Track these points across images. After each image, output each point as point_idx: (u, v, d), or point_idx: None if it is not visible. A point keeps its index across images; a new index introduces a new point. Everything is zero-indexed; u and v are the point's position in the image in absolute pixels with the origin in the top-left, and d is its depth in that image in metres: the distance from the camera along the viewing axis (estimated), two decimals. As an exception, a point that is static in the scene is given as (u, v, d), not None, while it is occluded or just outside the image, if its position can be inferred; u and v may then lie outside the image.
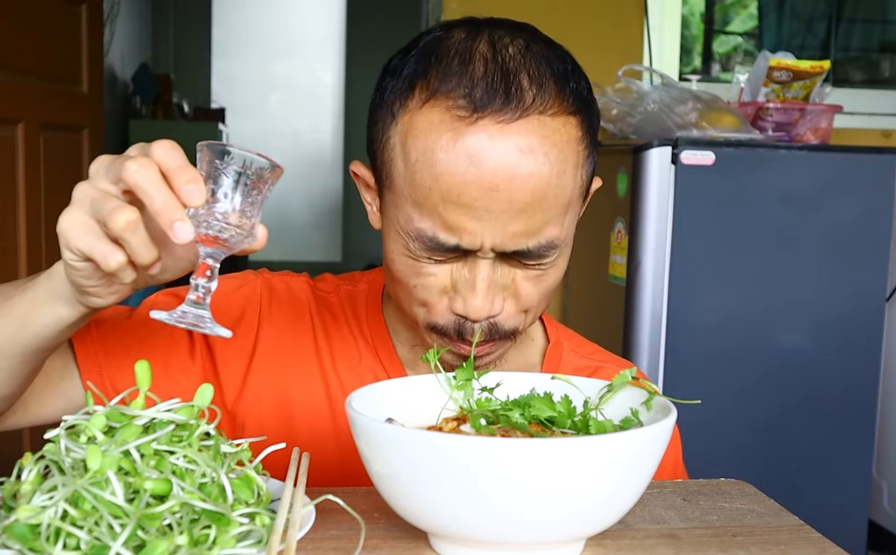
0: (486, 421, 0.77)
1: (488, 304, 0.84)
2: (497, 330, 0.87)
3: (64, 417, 0.67)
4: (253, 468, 0.69)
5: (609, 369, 1.03)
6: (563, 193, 0.83)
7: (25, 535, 0.58)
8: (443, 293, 0.86)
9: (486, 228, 0.81)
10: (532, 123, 0.80)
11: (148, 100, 6.27)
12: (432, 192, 0.81)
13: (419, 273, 0.86)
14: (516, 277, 0.86)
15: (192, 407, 0.69)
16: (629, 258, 2.22)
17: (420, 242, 0.84)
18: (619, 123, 2.49)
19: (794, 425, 2.28)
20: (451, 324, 0.87)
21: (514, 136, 0.80)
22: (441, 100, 0.81)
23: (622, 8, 2.80)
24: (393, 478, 0.66)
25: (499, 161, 0.79)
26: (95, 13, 2.60)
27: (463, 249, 0.83)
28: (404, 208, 0.84)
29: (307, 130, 7.90)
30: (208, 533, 0.60)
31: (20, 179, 2.19)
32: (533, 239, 0.83)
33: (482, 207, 0.80)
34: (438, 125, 0.81)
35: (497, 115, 0.79)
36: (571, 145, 0.83)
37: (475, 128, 0.79)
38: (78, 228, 0.69)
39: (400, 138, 0.84)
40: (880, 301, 2.29)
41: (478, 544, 0.66)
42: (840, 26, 3.99)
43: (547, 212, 0.82)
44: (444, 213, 0.81)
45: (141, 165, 0.67)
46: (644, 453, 0.66)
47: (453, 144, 0.80)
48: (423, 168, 0.81)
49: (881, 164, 2.27)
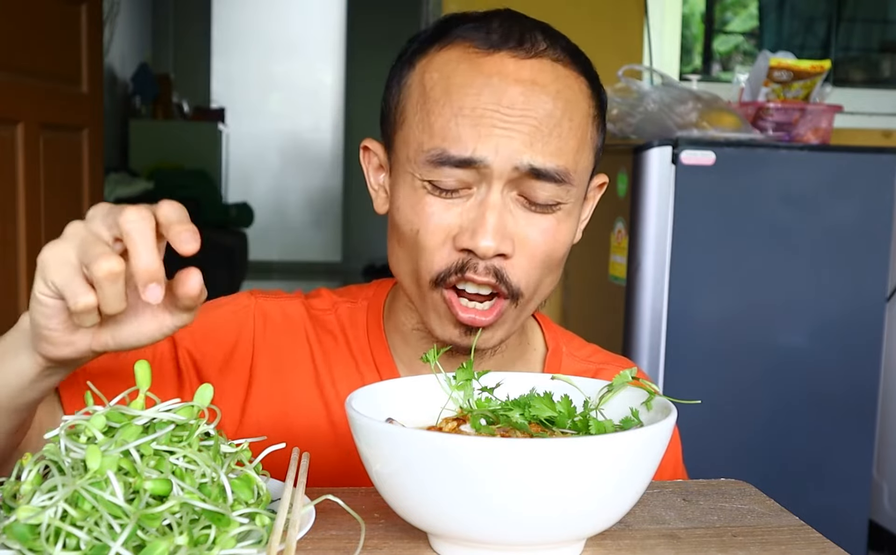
0: (486, 421, 0.77)
1: (498, 237, 0.83)
2: (503, 279, 0.85)
3: (63, 417, 0.67)
4: (252, 468, 0.69)
5: (609, 370, 1.01)
6: (575, 132, 0.85)
7: (25, 535, 0.58)
8: (447, 237, 0.85)
9: (501, 142, 0.82)
10: (545, 64, 0.85)
11: (148, 100, 6.28)
12: (446, 108, 0.83)
13: (424, 213, 0.85)
14: (526, 226, 0.85)
15: (191, 407, 0.69)
16: (629, 258, 2.22)
17: (429, 166, 0.84)
18: (619, 123, 2.49)
19: (794, 424, 2.28)
20: (455, 263, 0.85)
21: (527, 69, 0.84)
22: (458, 44, 0.85)
23: (622, 8, 2.80)
24: (393, 478, 0.66)
25: (513, 83, 0.83)
26: (95, 13, 2.60)
27: (475, 161, 0.82)
28: (415, 136, 0.85)
29: (307, 130, 7.90)
30: (208, 533, 0.60)
31: (20, 178, 2.19)
32: (548, 160, 0.83)
33: (498, 121, 0.82)
34: (456, 59, 0.84)
35: (511, 52, 0.84)
36: (583, 95, 0.87)
37: (491, 58, 0.84)
38: (58, 262, 0.67)
39: (417, 77, 0.87)
40: (880, 301, 2.29)
41: (478, 545, 0.66)
42: (840, 26, 3.99)
43: (560, 140, 0.84)
44: (455, 128, 0.82)
45: (140, 217, 0.66)
46: (644, 453, 0.66)
47: (469, 69, 0.83)
48: (439, 92, 0.84)
49: (881, 164, 2.27)
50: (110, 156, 5.49)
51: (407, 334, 0.97)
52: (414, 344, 0.96)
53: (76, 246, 0.67)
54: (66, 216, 2.54)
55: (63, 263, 0.67)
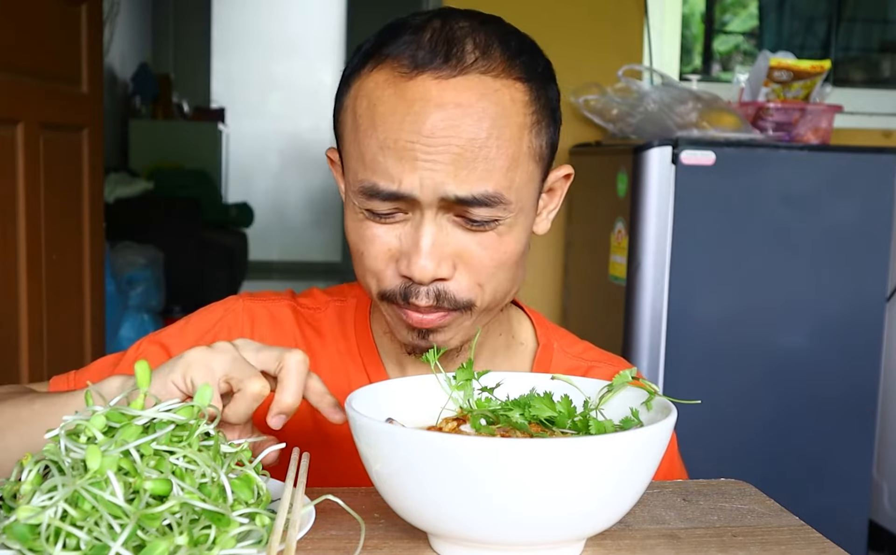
0: (486, 421, 0.77)
1: (433, 263, 0.83)
2: (447, 298, 0.85)
3: (64, 417, 0.67)
4: (252, 468, 0.69)
5: (602, 368, 1.01)
6: (505, 149, 0.83)
7: (25, 535, 0.58)
8: (390, 259, 0.86)
9: (425, 174, 0.82)
10: (471, 81, 0.82)
11: (148, 100, 6.28)
12: (372, 141, 0.83)
13: (365, 238, 0.86)
14: (467, 243, 0.85)
15: (191, 407, 0.69)
16: (629, 258, 2.22)
17: (363, 196, 0.84)
18: (619, 123, 2.49)
19: (794, 424, 2.28)
20: (399, 288, 0.86)
21: (450, 92, 0.82)
22: (388, 63, 0.84)
23: (622, 8, 2.80)
24: (393, 478, 0.66)
25: (434, 110, 0.81)
26: (95, 13, 2.60)
27: (402, 195, 0.82)
28: (351, 166, 0.86)
29: (307, 130, 7.90)
30: (208, 533, 0.60)
31: (20, 178, 2.19)
32: (475, 187, 0.82)
33: (419, 152, 0.81)
34: (382, 83, 0.84)
35: (435, 72, 0.82)
36: (515, 106, 0.84)
37: (414, 82, 0.82)
38: (204, 366, 0.75)
39: (350, 102, 0.87)
40: (880, 301, 2.29)
41: (477, 545, 0.66)
42: (840, 26, 3.99)
43: (487, 163, 0.82)
44: (383, 160, 0.83)
45: (303, 361, 0.77)
46: (644, 453, 0.66)
47: (393, 96, 0.83)
48: (366, 121, 0.84)
49: (881, 164, 2.27)
50: (110, 156, 5.49)
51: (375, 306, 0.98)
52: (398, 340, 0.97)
53: (225, 361, 0.75)
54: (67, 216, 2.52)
55: (207, 369, 0.75)
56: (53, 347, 2.36)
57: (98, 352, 2.62)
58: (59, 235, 2.40)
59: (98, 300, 2.64)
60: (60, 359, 2.41)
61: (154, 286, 4.38)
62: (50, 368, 2.33)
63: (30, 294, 2.24)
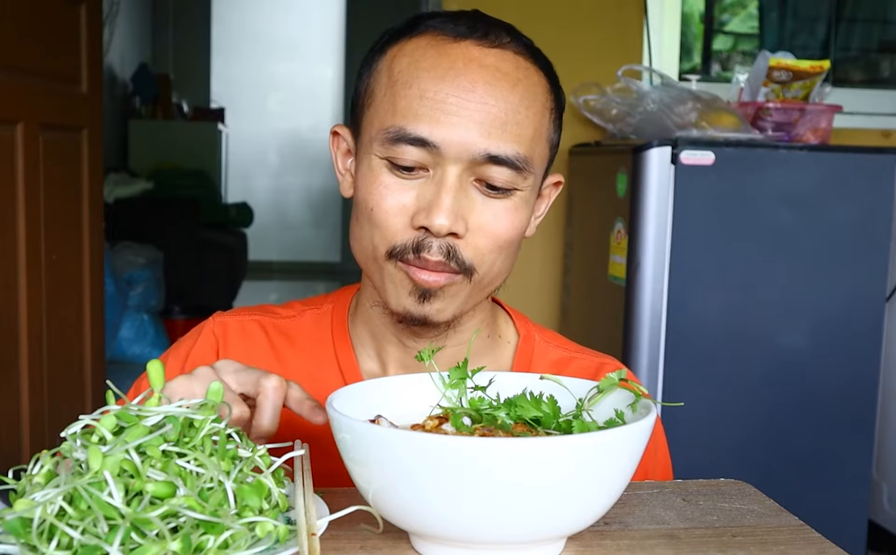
0: (470, 420, 0.77)
1: (452, 216, 0.86)
2: (455, 256, 0.88)
3: (80, 416, 0.67)
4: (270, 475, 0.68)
5: (585, 359, 1.04)
6: (532, 121, 0.89)
7: (18, 529, 0.58)
8: (403, 214, 0.88)
9: (457, 130, 0.85)
10: (507, 55, 0.89)
11: (147, 100, 6.27)
12: (410, 90, 0.87)
13: (380, 190, 0.88)
14: (483, 210, 0.88)
15: (206, 405, 0.69)
16: (629, 258, 2.22)
17: (388, 143, 0.87)
18: (618, 123, 2.49)
19: (793, 424, 2.28)
20: (411, 240, 0.88)
21: (491, 57, 0.88)
22: (430, 32, 0.90)
23: (622, 8, 2.80)
24: (373, 477, 0.66)
25: (477, 69, 0.87)
26: (95, 13, 2.60)
27: (429, 143, 0.85)
28: (379, 117, 0.89)
29: (307, 130, 7.90)
30: (208, 539, 0.60)
31: (20, 179, 2.19)
32: (505, 147, 0.86)
33: (456, 106, 0.85)
34: (424, 46, 0.89)
35: (477, 41, 0.88)
36: (541, 91, 0.91)
37: (457, 45, 0.88)
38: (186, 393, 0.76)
39: (387, 62, 0.91)
40: (880, 301, 2.29)
41: (457, 543, 0.66)
42: (840, 26, 3.99)
43: (518, 127, 0.87)
44: (417, 108, 0.86)
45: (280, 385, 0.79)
46: (618, 452, 0.65)
47: (436, 54, 0.88)
48: (406, 75, 0.88)
49: (881, 164, 2.27)
50: (110, 156, 5.48)
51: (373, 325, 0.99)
52: (379, 334, 0.99)
53: (205, 388, 0.76)
54: (66, 216, 2.52)
55: (189, 396, 0.77)
56: (53, 346, 2.36)
57: (98, 352, 2.62)
58: (58, 235, 2.40)
59: (97, 300, 2.64)
60: (60, 359, 2.41)
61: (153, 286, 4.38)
62: (50, 368, 2.33)
63: (29, 294, 2.24)
